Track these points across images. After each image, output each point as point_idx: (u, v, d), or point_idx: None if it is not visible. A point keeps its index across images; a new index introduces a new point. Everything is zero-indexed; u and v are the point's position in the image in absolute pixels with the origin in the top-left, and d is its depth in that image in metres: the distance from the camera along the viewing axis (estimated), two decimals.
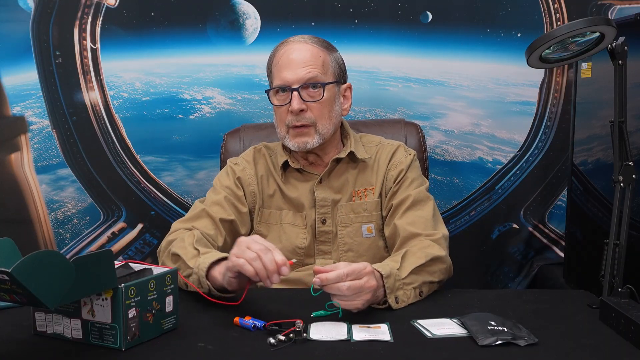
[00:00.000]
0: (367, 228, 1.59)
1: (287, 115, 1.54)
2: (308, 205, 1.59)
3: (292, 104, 1.52)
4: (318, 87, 1.53)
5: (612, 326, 1.16)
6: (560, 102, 2.25)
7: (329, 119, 1.56)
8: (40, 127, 2.29)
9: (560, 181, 2.28)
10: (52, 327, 1.12)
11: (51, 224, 2.34)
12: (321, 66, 1.54)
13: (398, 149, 1.65)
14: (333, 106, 1.57)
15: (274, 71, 1.56)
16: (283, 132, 1.56)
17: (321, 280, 1.16)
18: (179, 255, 1.38)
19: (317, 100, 1.53)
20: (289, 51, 1.55)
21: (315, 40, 1.58)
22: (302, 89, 1.52)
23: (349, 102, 1.65)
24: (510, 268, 2.35)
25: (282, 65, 1.54)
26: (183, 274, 1.34)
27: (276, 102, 1.56)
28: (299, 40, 1.57)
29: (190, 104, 2.29)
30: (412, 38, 2.22)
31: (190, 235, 1.44)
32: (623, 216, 1.26)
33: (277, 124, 1.59)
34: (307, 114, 1.53)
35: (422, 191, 1.57)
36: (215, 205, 1.56)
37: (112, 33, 2.23)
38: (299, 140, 1.55)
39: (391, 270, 1.28)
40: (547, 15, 2.19)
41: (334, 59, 1.59)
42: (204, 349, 1.07)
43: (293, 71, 1.52)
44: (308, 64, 1.53)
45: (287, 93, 1.53)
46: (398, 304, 1.28)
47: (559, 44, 1.28)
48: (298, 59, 1.53)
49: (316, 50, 1.55)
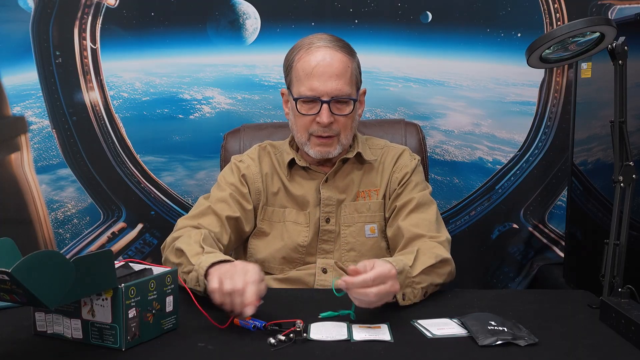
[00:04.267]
0: (370, 228, 1.59)
1: (312, 124, 1.54)
2: (313, 203, 1.59)
3: (322, 117, 1.51)
4: (347, 101, 1.53)
5: (612, 326, 1.16)
6: (560, 102, 2.25)
7: (351, 130, 1.57)
8: (40, 127, 2.29)
9: (560, 181, 2.28)
10: (52, 327, 1.12)
11: (51, 224, 2.34)
12: (349, 78, 1.53)
13: (403, 152, 1.66)
14: (355, 117, 1.58)
15: (302, 76, 1.52)
16: (304, 138, 1.56)
17: (346, 284, 1.15)
18: (183, 250, 1.37)
19: (345, 115, 1.53)
20: (321, 61, 1.51)
21: (341, 45, 1.55)
22: (332, 103, 1.51)
23: (363, 106, 1.66)
24: (510, 268, 2.35)
25: (314, 75, 1.50)
26: (184, 269, 1.33)
27: (303, 110, 1.53)
28: (327, 46, 1.53)
29: (190, 104, 2.29)
30: (412, 38, 2.22)
31: (198, 233, 1.44)
32: (623, 216, 1.26)
33: (297, 128, 1.57)
34: (334, 126, 1.53)
35: (425, 194, 1.58)
36: (220, 202, 1.56)
37: (112, 33, 2.23)
38: (321, 149, 1.55)
39: (404, 267, 1.29)
40: (547, 15, 2.19)
41: (356, 66, 1.58)
42: (204, 349, 1.08)
43: (324, 82, 1.50)
44: (340, 76, 1.51)
45: (315, 103, 1.52)
46: (404, 301, 1.28)
47: (559, 44, 1.28)
48: (331, 70, 1.50)
49: (345, 60, 1.53)
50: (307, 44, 1.55)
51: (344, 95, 1.52)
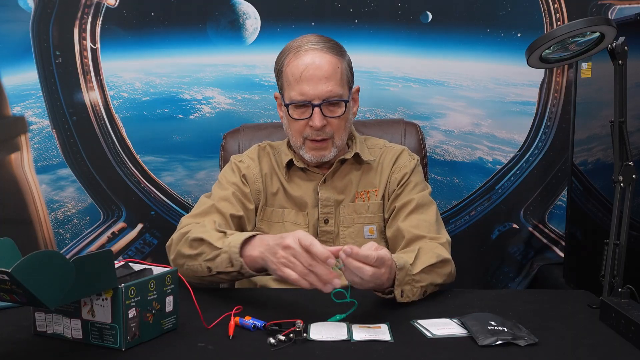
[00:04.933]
0: (369, 229, 1.59)
1: (306, 128, 1.54)
2: (311, 204, 1.59)
3: (314, 121, 1.51)
4: (339, 103, 1.53)
5: (612, 326, 1.16)
6: (560, 102, 2.25)
7: (344, 131, 1.57)
8: (40, 127, 2.29)
9: (560, 181, 2.28)
10: (52, 327, 1.12)
11: (51, 224, 2.34)
12: (340, 79, 1.52)
13: (402, 152, 1.65)
14: (348, 117, 1.58)
15: (291, 81, 1.52)
16: (299, 142, 1.56)
17: (351, 251, 1.15)
18: (202, 238, 1.36)
19: (337, 116, 1.53)
20: (310, 64, 1.50)
21: (329, 46, 1.54)
22: (323, 106, 1.51)
23: (357, 104, 1.66)
24: (510, 268, 2.35)
25: (303, 79, 1.50)
26: (207, 257, 1.33)
27: (295, 115, 1.53)
28: (315, 49, 1.52)
29: (190, 104, 2.29)
30: (412, 38, 2.22)
31: (211, 222, 1.44)
32: (623, 216, 1.26)
33: (292, 133, 1.57)
34: (327, 129, 1.53)
35: (425, 195, 1.58)
36: (223, 200, 1.56)
37: (112, 33, 2.23)
38: (316, 153, 1.56)
39: (405, 264, 1.29)
40: (547, 15, 2.19)
41: (346, 65, 1.57)
42: (204, 349, 1.08)
43: (314, 86, 1.49)
44: (329, 78, 1.50)
45: (307, 107, 1.52)
46: (402, 298, 1.28)
47: (559, 44, 1.28)
48: (319, 73, 1.50)
49: (334, 61, 1.52)
50: (296, 47, 1.54)
51: (334, 97, 1.51)
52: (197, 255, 1.36)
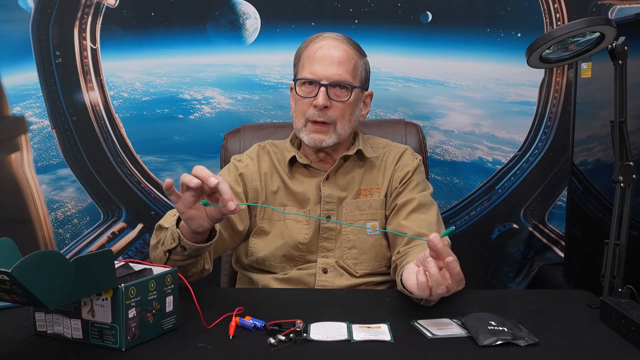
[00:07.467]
0: (371, 225, 1.59)
1: (310, 108, 1.55)
2: (313, 201, 1.59)
3: (318, 99, 1.52)
4: (346, 88, 1.54)
5: (612, 326, 1.16)
6: (560, 102, 2.25)
7: (348, 121, 1.57)
8: (40, 127, 2.29)
9: (560, 181, 2.28)
10: (52, 327, 1.12)
11: (51, 224, 2.34)
12: (352, 69, 1.55)
13: (405, 151, 1.66)
14: (354, 109, 1.59)
15: (305, 62, 1.56)
16: (300, 124, 1.57)
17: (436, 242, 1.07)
18: (160, 225, 1.40)
19: (342, 101, 1.54)
20: (325, 47, 1.55)
21: (350, 42, 1.58)
22: (330, 87, 1.53)
23: (368, 109, 1.67)
24: (510, 268, 2.35)
25: (316, 59, 1.54)
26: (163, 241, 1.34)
27: (301, 93, 1.56)
28: (336, 38, 1.57)
29: (190, 104, 2.29)
30: (412, 38, 2.22)
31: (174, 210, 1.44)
32: (623, 216, 1.26)
33: (296, 114, 1.59)
34: (330, 112, 1.54)
35: (426, 195, 1.58)
36: None
37: (112, 33, 2.23)
38: (315, 136, 1.56)
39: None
40: (547, 15, 2.19)
41: (363, 64, 1.60)
42: (204, 349, 1.07)
43: (325, 67, 1.52)
44: (341, 64, 1.53)
45: (314, 87, 1.54)
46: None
47: (559, 44, 1.28)
48: (332, 56, 1.53)
49: (351, 52, 1.56)
50: (316, 35, 1.59)
51: (343, 81, 1.53)
52: (157, 243, 1.38)
